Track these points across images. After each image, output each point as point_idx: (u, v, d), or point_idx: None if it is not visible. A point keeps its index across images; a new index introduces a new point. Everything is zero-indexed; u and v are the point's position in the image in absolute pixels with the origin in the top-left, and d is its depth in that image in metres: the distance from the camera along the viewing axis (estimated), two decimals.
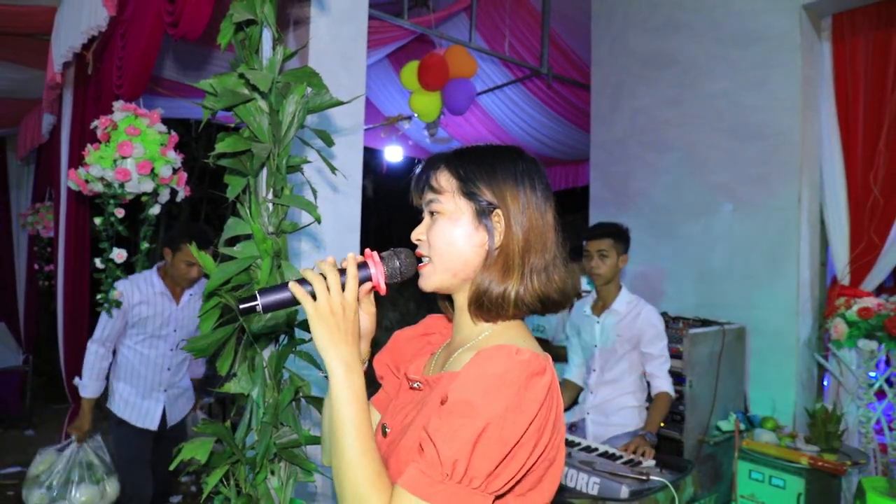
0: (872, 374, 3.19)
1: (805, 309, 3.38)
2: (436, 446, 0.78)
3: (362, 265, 0.96)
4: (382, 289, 0.97)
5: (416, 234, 1.01)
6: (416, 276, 1.00)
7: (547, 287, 0.94)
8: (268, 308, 0.92)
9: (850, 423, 3.19)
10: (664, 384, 2.69)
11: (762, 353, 3.43)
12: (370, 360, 1.16)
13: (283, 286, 0.93)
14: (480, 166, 0.96)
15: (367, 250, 0.99)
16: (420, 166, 1.03)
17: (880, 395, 3.21)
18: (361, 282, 0.95)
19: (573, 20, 4.81)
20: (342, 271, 0.93)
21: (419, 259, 1.00)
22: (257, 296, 0.91)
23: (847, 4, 3.31)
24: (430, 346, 1.13)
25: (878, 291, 3.58)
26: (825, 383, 3.47)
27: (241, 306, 0.92)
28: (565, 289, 0.96)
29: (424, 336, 1.16)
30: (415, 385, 1.01)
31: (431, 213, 0.99)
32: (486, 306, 0.93)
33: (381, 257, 0.97)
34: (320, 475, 1.40)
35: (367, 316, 1.00)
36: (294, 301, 0.92)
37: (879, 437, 3.17)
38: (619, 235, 2.82)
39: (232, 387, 1.44)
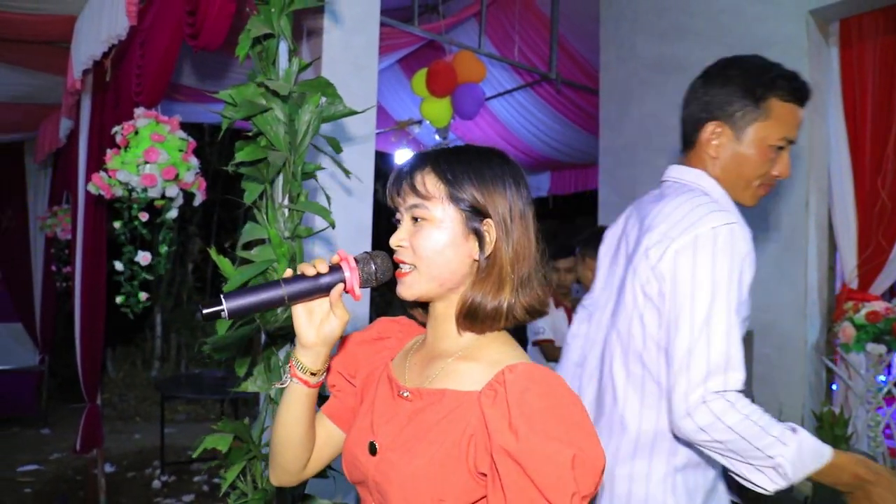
0: (882, 378, 3.20)
1: (813, 312, 3.39)
2: (549, 500, 0.77)
3: (336, 268, 0.92)
4: (357, 294, 0.93)
5: (397, 240, 0.95)
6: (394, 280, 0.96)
7: (532, 298, 0.93)
8: (234, 313, 0.88)
9: (859, 426, 3.20)
10: None
11: (769, 357, 3.44)
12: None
13: (251, 290, 0.90)
14: (469, 171, 0.91)
15: (342, 252, 0.94)
16: (401, 166, 0.97)
17: (889, 399, 3.22)
18: (334, 285, 0.91)
19: (581, 25, 4.85)
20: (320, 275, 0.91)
21: (397, 264, 0.95)
22: (222, 300, 0.87)
23: (855, 9, 3.33)
24: (386, 350, 1.08)
25: (892, 295, 3.59)
26: (833, 387, 3.49)
27: (205, 311, 0.87)
28: (545, 298, 0.95)
29: (379, 341, 1.10)
30: (403, 394, 0.95)
31: (415, 219, 0.93)
32: (481, 319, 0.91)
33: (356, 260, 0.93)
34: (333, 471, 1.45)
35: (339, 322, 0.93)
36: (262, 306, 0.90)
37: (889, 442, 3.17)
38: (587, 242, 2.93)
39: (249, 386, 1.49)
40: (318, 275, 0.91)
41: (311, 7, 1.54)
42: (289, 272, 0.93)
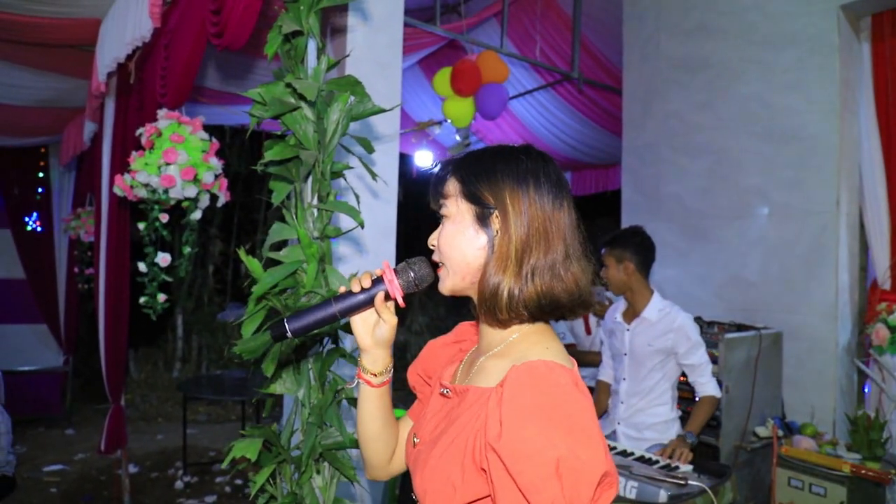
0: None
1: (844, 314, 3.32)
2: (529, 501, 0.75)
3: (378, 280, 1.01)
4: (401, 302, 1.01)
5: (431, 241, 1.02)
6: (437, 280, 1.01)
7: (552, 287, 0.90)
8: (297, 333, 1.01)
9: (894, 431, 3.11)
10: (709, 388, 2.63)
11: (800, 359, 3.37)
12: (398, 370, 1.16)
13: (308, 311, 1.01)
14: (481, 169, 0.95)
15: (385, 263, 1.03)
16: (435, 171, 1.04)
17: None
18: (376, 294, 1.00)
19: (604, 24, 4.80)
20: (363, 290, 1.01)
21: (436, 264, 1.01)
22: (285, 323, 1.00)
23: (887, 4, 3.25)
24: (461, 353, 1.13)
25: None
26: (865, 390, 3.40)
27: (273, 334, 1.01)
28: (577, 290, 0.92)
29: (456, 343, 1.16)
30: (444, 392, 1.00)
31: (442, 217, 1.00)
32: (482, 304, 0.93)
33: (396, 271, 1.01)
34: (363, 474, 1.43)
35: (387, 326, 1.02)
36: (320, 323, 1.01)
37: None
38: (613, 243, 2.75)
39: (277, 388, 1.47)
40: (363, 289, 1.01)
41: (337, 5, 1.52)
42: (342, 289, 1.03)
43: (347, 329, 1.52)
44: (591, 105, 5.53)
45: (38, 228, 6.15)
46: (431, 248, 1.01)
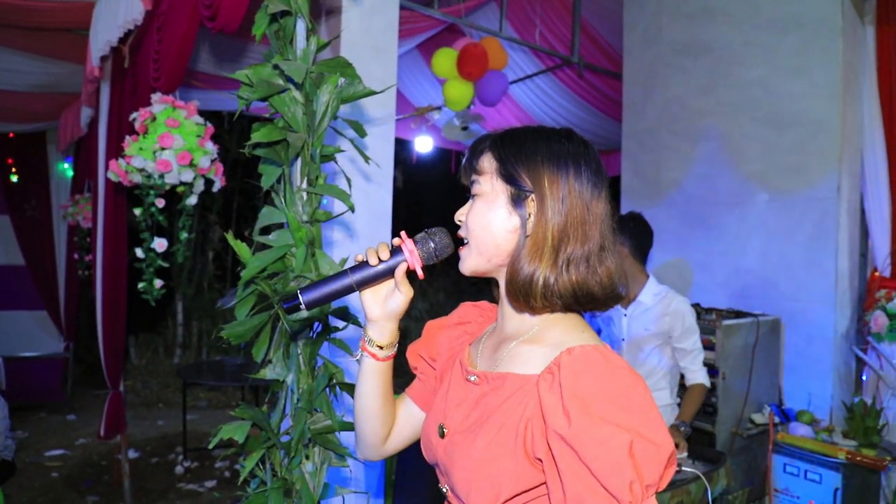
0: None
1: (843, 301, 3.30)
2: (606, 488, 0.73)
3: (397, 250, 0.97)
4: (420, 273, 0.97)
5: (458, 216, 0.98)
6: (457, 256, 0.98)
7: (587, 279, 0.88)
8: (311, 305, 0.97)
9: (891, 418, 3.11)
10: (699, 376, 2.64)
11: (798, 346, 3.36)
12: (401, 350, 1.12)
13: (323, 282, 0.97)
14: (522, 149, 0.92)
15: (403, 234, 0.98)
16: (469, 147, 1.00)
17: None
18: (397, 265, 0.96)
19: (604, 8, 4.74)
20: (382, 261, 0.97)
21: (459, 239, 0.98)
22: (299, 294, 0.96)
23: None
24: (467, 335, 1.10)
25: None
26: (863, 377, 3.40)
27: (285, 306, 0.97)
28: (610, 285, 0.90)
29: (460, 325, 1.12)
30: (471, 378, 0.96)
31: (473, 195, 0.96)
32: (514, 291, 0.89)
33: (415, 241, 0.97)
34: (353, 460, 1.42)
35: (403, 297, 0.98)
36: (335, 295, 0.97)
37: None
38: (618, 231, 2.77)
39: (267, 373, 1.47)
40: (382, 260, 0.97)
41: None
42: (359, 256, 0.99)
43: (337, 314, 1.51)
44: (592, 90, 5.48)
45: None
46: (458, 223, 0.98)
